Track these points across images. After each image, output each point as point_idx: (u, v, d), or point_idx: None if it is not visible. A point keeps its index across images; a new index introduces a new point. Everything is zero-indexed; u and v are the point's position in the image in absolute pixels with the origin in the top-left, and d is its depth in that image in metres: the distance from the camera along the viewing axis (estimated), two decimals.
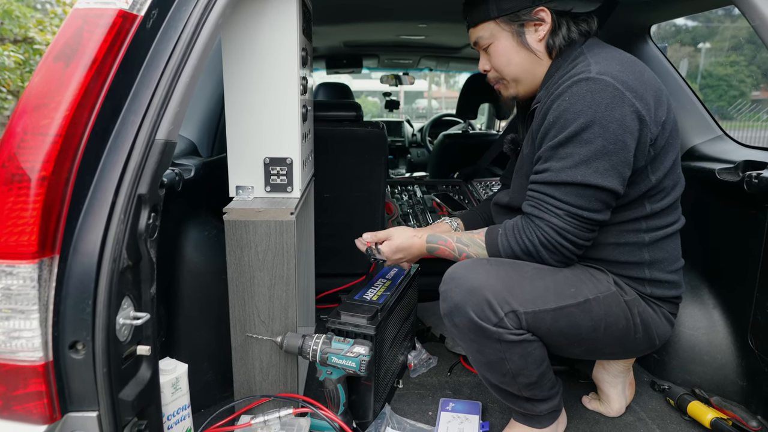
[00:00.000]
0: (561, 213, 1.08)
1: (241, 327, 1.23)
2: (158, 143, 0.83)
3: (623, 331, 1.14)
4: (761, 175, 1.24)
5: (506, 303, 1.06)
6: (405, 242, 1.30)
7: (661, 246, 1.17)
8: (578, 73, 1.06)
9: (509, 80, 1.25)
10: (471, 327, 1.07)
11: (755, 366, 1.34)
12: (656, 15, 1.75)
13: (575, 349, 1.18)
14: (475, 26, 1.24)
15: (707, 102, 12.13)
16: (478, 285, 1.07)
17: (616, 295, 1.14)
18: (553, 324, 1.08)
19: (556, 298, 1.08)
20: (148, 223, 0.84)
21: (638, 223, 1.15)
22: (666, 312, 1.20)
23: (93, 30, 0.80)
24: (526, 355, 1.08)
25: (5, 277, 0.75)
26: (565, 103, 1.05)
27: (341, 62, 3.40)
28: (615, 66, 1.06)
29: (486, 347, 1.09)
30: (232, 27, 1.17)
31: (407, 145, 5.07)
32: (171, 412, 1.08)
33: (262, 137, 1.23)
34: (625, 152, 1.04)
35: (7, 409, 0.77)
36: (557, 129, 1.06)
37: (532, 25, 1.18)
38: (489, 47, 1.23)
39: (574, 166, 1.05)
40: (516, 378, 1.11)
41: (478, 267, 1.10)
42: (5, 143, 0.75)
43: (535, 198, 1.12)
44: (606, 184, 1.04)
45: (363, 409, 1.32)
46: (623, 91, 1.03)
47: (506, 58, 1.22)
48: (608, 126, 1.02)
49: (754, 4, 0.98)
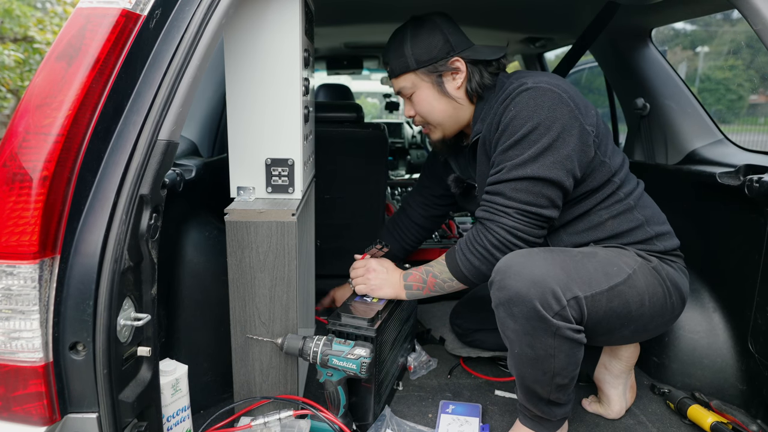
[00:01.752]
0: (510, 212, 1.16)
1: (241, 328, 1.23)
2: (161, 143, 0.83)
3: (662, 299, 1.20)
4: (762, 179, 1.24)
5: (568, 289, 1.07)
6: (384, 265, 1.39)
7: (645, 203, 1.30)
8: (516, 88, 1.19)
9: (435, 125, 1.36)
10: (531, 317, 1.06)
11: (755, 370, 1.34)
12: (657, 18, 1.76)
13: (626, 330, 1.20)
14: (397, 77, 1.34)
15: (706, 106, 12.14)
16: (541, 274, 1.07)
17: (645, 264, 1.20)
18: (608, 305, 1.11)
19: (607, 278, 1.12)
20: (150, 224, 0.83)
21: (617, 194, 1.26)
22: (681, 266, 1.29)
23: (96, 29, 0.79)
24: (572, 355, 1.10)
25: (6, 278, 0.74)
26: (511, 113, 1.17)
27: (342, 63, 3.40)
28: (544, 77, 1.21)
29: (539, 341, 1.08)
30: (235, 27, 1.16)
31: (407, 147, 5.07)
32: (171, 413, 1.07)
33: (263, 138, 1.23)
34: (568, 148, 1.15)
35: (7, 410, 0.77)
36: (507, 135, 1.18)
37: (450, 74, 1.30)
38: (412, 96, 1.34)
39: (523, 163, 1.15)
40: (554, 378, 1.11)
41: (536, 255, 1.12)
42: (7, 142, 0.75)
43: (487, 202, 1.21)
44: (552, 176, 1.14)
45: (363, 411, 1.32)
46: (560, 93, 1.16)
47: (429, 106, 1.33)
48: (551, 126, 1.14)
49: (756, 8, 0.98)
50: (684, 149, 1.70)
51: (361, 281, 1.38)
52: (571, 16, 1.95)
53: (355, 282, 1.40)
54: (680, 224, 1.37)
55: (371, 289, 1.36)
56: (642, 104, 1.81)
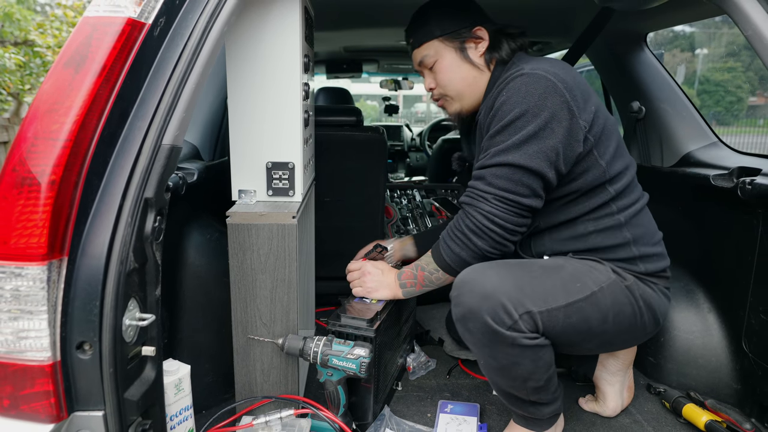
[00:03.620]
0: (489, 197, 1.14)
1: (242, 329, 1.25)
2: (165, 148, 0.85)
3: (630, 318, 1.18)
4: (755, 181, 1.27)
5: (520, 304, 1.07)
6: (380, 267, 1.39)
7: (637, 222, 1.23)
8: (515, 72, 1.18)
9: (453, 96, 1.34)
10: (486, 331, 1.08)
11: (749, 369, 1.36)
12: (652, 23, 1.78)
13: (588, 344, 1.20)
14: (420, 46, 1.33)
15: (705, 108, 12.04)
16: (492, 288, 1.08)
17: (618, 282, 1.17)
18: (566, 321, 1.10)
19: (566, 294, 1.11)
20: (154, 226, 0.85)
21: (608, 206, 1.21)
22: (661, 288, 1.25)
23: (102, 37, 0.82)
24: (537, 360, 1.10)
25: (15, 279, 0.76)
26: (502, 98, 1.15)
27: (341, 67, 3.43)
28: (545, 64, 1.17)
29: (498, 352, 1.10)
30: (237, 34, 1.19)
31: (406, 150, 5.09)
32: (174, 412, 1.09)
33: (264, 142, 1.25)
34: (554, 139, 1.11)
35: (15, 408, 0.79)
36: (496, 120, 1.16)
37: (473, 42, 1.30)
38: (434, 65, 1.32)
39: (505, 150, 1.13)
40: (526, 382, 1.12)
41: (489, 270, 1.13)
42: (16, 148, 0.77)
43: (470, 187, 1.20)
44: (532, 165, 1.11)
45: (363, 410, 1.34)
46: (555, 82, 1.12)
47: (451, 73, 1.31)
48: (539, 114, 1.11)
49: (747, 14, 1.00)
50: (679, 152, 1.72)
51: (357, 284, 1.39)
52: (567, 21, 1.98)
53: (352, 285, 1.41)
54: (675, 226, 1.39)
55: (367, 292, 1.37)
56: (637, 107, 1.83)
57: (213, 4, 0.91)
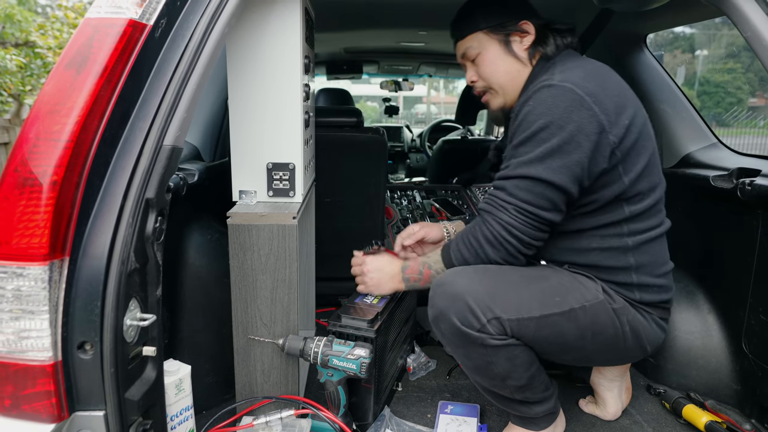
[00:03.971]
0: (509, 208, 1.11)
1: (243, 329, 1.25)
2: (166, 149, 0.86)
3: (612, 339, 1.15)
4: (754, 182, 1.27)
5: (489, 309, 1.07)
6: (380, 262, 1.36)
7: (646, 250, 1.17)
8: (542, 81, 1.14)
9: (496, 88, 1.30)
10: (455, 333, 1.09)
11: (749, 370, 1.36)
12: (651, 25, 1.78)
13: (565, 356, 1.20)
14: (464, 38, 1.30)
15: (705, 109, 11.98)
16: (461, 291, 1.08)
17: (604, 303, 1.14)
18: (538, 332, 1.09)
19: (541, 306, 1.10)
20: (155, 227, 0.86)
21: (619, 227, 1.15)
22: (656, 318, 1.20)
23: (104, 39, 0.82)
24: (513, 358, 1.10)
25: (16, 279, 0.76)
26: (528, 107, 1.12)
27: (342, 68, 3.44)
28: (578, 74, 1.12)
29: (472, 352, 1.11)
30: (237, 35, 1.19)
31: (406, 151, 5.09)
32: (174, 412, 1.09)
33: (265, 143, 1.25)
34: (579, 153, 1.07)
35: (16, 408, 0.79)
36: (520, 130, 1.12)
37: (518, 35, 1.26)
38: (477, 57, 1.29)
39: (528, 162, 1.09)
40: (505, 381, 1.12)
41: (464, 273, 1.12)
42: (18, 148, 0.77)
43: (490, 195, 1.17)
44: (556, 180, 1.07)
45: (363, 411, 1.34)
46: (583, 96, 1.07)
47: (494, 66, 1.28)
48: (565, 127, 1.06)
49: (746, 15, 1.00)
50: (678, 153, 1.73)
51: (360, 281, 1.38)
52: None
53: (356, 281, 1.39)
54: (675, 227, 1.39)
55: (370, 289, 1.36)
56: None
57: (214, 6, 0.92)
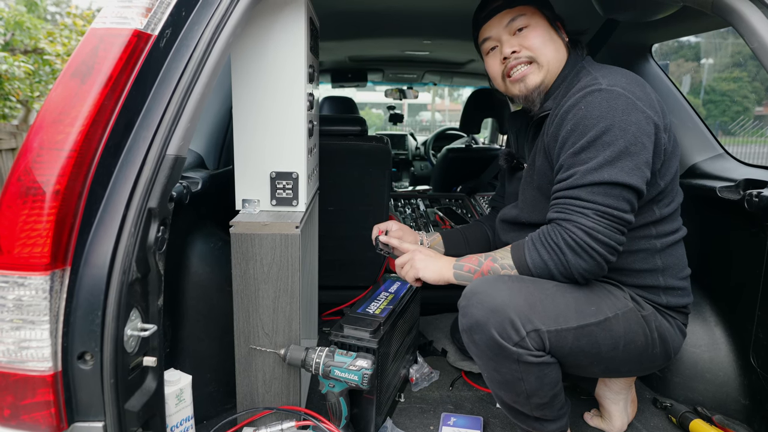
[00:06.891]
0: (589, 212, 1.06)
1: (244, 339, 1.24)
2: (169, 158, 0.86)
3: (642, 348, 1.15)
4: (761, 193, 1.26)
5: (529, 322, 1.05)
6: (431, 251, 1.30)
7: (671, 252, 1.20)
8: (589, 85, 1.12)
9: (543, 63, 1.24)
10: (491, 345, 1.07)
11: (757, 384, 1.34)
12: (657, 35, 1.78)
13: (595, 368, 1.18)
14: (514, 7, 1.25)
15: (711, 117, 11.93)
16: (501, 303, 1.06)
17: (634, 311, 1.15)
18: (575, 343, 1.08)
19: (578, 316, 1.09)
20: (157, 236, 0.86)
21: (648, 228, 1.17)
22: (679, 323, 1.22)
23: (108, 49, 0.82)
24: (543, 377, 1.08)
25: (17, 288, 0.76)
26: (581, 112, 1.09)
27: (346, 76, 3.45)
28: (621, 79, 1.12)
29: (503, 366, 1.08)
30: (242, 45, 1.19)
31: (410, 158, 5.09)
32: (175, 423, 1.09)
33: (268, 151, 1.25)
34: (645, 153, 1.07)
35: (15, 418, 0.79)
36: (576, 136, 1.09)
37: (560, 25, 1.30)
38: (525, 29, 1.25)
39: (599, 167, 1.06)
40: (530, 398, 1.11)
41: (501, 284, 1.10)
42: (21, 157, 0.77)
43: (561, 203, 1.11)
44: (632, 182, 1.06)
45: (365, 422, 1.32)
46: (635, 101, 1.08)
47: (542, 39, 1.25)
48: (627, 128, 1.06)
49: (753, 27, 1.00)
50: (685, 163, 1.72)
51: (404, 261, 1.30)
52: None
53: (403, 272, 1.31)
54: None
55: (416, 268, 1.26)
56: None
57: (219, 16, 0.92)
